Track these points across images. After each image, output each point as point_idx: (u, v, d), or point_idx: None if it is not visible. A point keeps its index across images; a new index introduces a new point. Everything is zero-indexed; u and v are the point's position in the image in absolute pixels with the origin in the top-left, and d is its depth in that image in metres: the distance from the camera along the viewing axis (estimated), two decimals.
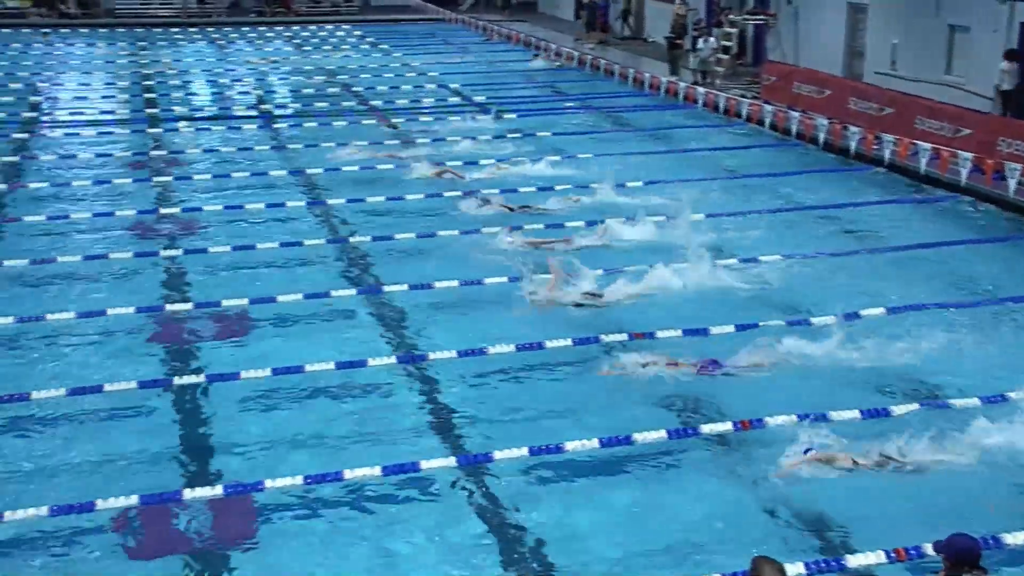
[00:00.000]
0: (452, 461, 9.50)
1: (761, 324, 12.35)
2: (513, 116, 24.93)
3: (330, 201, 17.80)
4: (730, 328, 12.28)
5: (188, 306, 13.14)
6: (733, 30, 29.09)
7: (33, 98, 27.38)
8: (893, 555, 7.90)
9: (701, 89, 26.24)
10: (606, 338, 11.97)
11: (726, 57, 28.58)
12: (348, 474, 9.13)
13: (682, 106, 26.17)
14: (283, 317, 12.80)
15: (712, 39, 28.47)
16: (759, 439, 9.77)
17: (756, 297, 13.58)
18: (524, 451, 9.49)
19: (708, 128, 24.06)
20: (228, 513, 8.70)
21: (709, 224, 16.49)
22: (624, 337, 11.99)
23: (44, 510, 8.53)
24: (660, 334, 12.07)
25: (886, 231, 16.50)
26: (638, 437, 9.67)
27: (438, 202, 17.67)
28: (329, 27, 42.78)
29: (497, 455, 9.47)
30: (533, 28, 39.45)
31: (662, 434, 9.80)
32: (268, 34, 41.44)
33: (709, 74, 27.97)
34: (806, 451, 9.28)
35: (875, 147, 20.36)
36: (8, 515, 8.45)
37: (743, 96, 25.30)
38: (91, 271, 14.39)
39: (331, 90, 29.10)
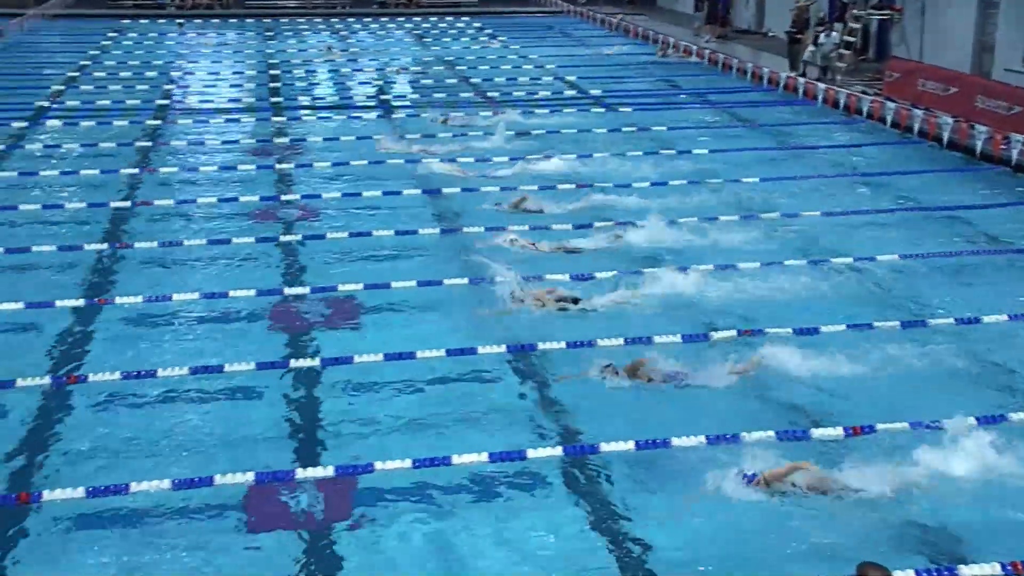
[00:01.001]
0: (558, 451, 9.62)
1: (876, 325, 12.21)
2: (629, 110, 24.94)
3: (445, 191, 18.06)
4: (841, 327, 12.18)
5: (305, 290, 13.50)
6: (857, 25, 28.51)
7: (166, 86, 28.41)
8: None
9: (821, 85, 25.81)
10: (715, 335, 12.00)
11: (848, 52, 28.01)
12: (456, 459, 9.31)
13: (801, 102, 25.78)
14: (396, 304, 13.07)
15: (835, 33, 27.95)
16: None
17: (870, 296, 13.41)
18: (631, 444, 9.58)
19: (827, 125, 23.66)
20: (338, 493, 8.95)
21: (826, 222, 16.30)
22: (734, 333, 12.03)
23: (167, 483, 8.93)
24: (769, 330, 12.03)
25: (1012, 235, 16.03)
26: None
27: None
28: (449, 18, 43.26)
29: (603, 447, 9.57)
30: (652, 21, 39.23)
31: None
32: (389, 24, 42.11)
33: (830, 70, 27.47)
34: (743, 475, 8.86)
35: (1003, 147, 19.78)
36: (134, 486, 8.88)
37: (864, 93, 24.80)
38: (215, 254, 14.91)
39: (449, 81, 29.46)
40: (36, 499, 8.76)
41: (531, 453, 9.48)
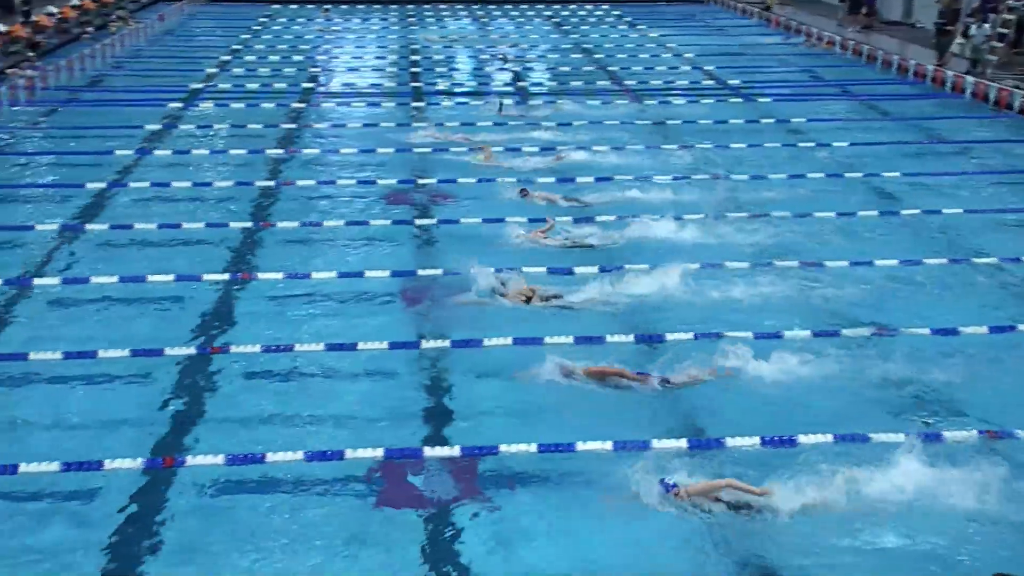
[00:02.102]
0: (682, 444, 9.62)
1: (1019, 327, 11.92)
2: (768, 100, 24.62)
3: (579, 179, 18.15)
4: (983, 329, 11.91)
5: (438, 272, 13.76)
6: (1011, 16, 27.44)
7: (311, 69, 29.24)
8: None
9: (970, 78, 24.97)
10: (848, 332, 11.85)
11: (1001, 45, 26.98)
12: (581, 446, 9.42)
13: (948, 95, 25.01)
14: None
15: (987, 25, 26.96)
16: None
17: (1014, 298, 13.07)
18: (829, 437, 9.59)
19: (975, 120, 22.91)
20: (464, 473, 9.16)
21: (970, 220, 15.87)
22: (866, 331, 11.84)
23: (300, 454, 9.30)
24: (905, 331, 11.81)
25: None
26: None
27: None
28: (589, 6, 43.23)
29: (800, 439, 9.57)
30: (796, 11, 38.48)
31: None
32: (528, 12, 42.34)
33: (980, 63, 26.53)
34: (664, 484, 8.63)
35: None
36: (270, 456, 9.28)
37: (1017, 87, 23.90)
38: (352, 235, 15.32)
39: (586, 68, 29.51)
40: (180, 463, 9.24)
41: (656, 444, 9.52)
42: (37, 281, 13.39)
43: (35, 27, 30.31)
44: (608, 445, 9.45)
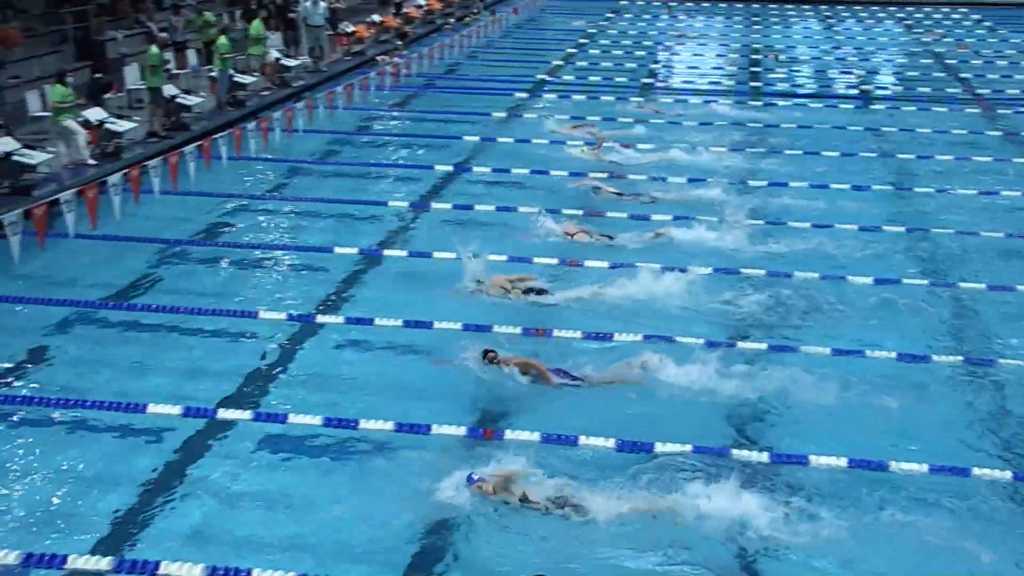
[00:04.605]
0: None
1: None
2: None
3: (917, 190, 17.53)
4: None
5: (760, 272, 13.72)
6: None
7: (652, 65, 29.77)
8: None
9: None
10: None
11: None
12: (894, 466, 9.18)
13: None
14: (849, 299, 12.97)
15: None
16: None
17: None
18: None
19: None
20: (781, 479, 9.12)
21: None
22: None
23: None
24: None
25: None
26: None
27: None
28: (945, 8, 41.15)
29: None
30: None
31: None
32: (880, 14, 40.86)
33: None
34: (469, 478, 8.60)
35: None
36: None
37: None
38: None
39: (936, 75, 28.23)
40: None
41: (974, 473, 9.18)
42: (387, 252, 14.59)
43: (405, 18, 32.78)
44: (925, 468, 9.17)
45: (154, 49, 20.15)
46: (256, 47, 24.36)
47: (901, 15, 40.29)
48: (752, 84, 26.98)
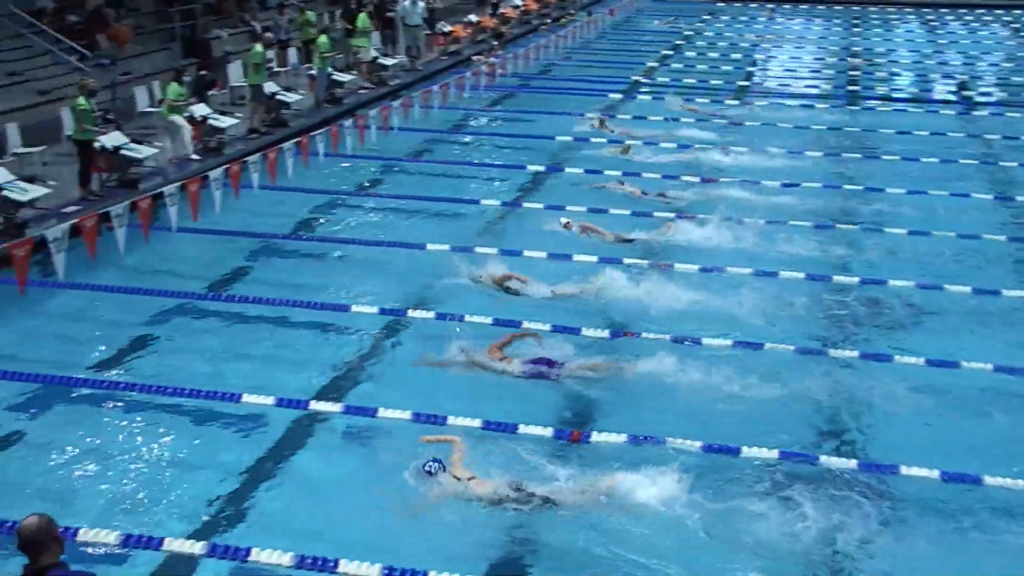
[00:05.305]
0: None
1: None
2: None
3: (1020, 199, 17.10)
4: None
5: (853, 280, 13.53)
6: None
7: (749, 68, 29.50)
8: None
9: None
10: None
11: None
12: (990, 480, 8.97)
13: None
14: (947, 308, 12.77)
15: None
16: None
17: None
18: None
19: None
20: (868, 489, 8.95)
21: None
22: None
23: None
24: None
25: None
26: None
27: None
28: None
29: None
30: None
31: None
32: (986, 17, 39.86)
33: None
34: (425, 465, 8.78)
35: None
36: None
37: None
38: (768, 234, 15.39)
39: None
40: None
41: None
42: (478, 250, 14.66)
43: (502, 18, 33.00)
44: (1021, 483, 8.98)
45: (258, 47, 20.63)
46: (362, 39, 24.85)
47: (1008, 18, 39.24)
48: (850, 88, 26.56)
